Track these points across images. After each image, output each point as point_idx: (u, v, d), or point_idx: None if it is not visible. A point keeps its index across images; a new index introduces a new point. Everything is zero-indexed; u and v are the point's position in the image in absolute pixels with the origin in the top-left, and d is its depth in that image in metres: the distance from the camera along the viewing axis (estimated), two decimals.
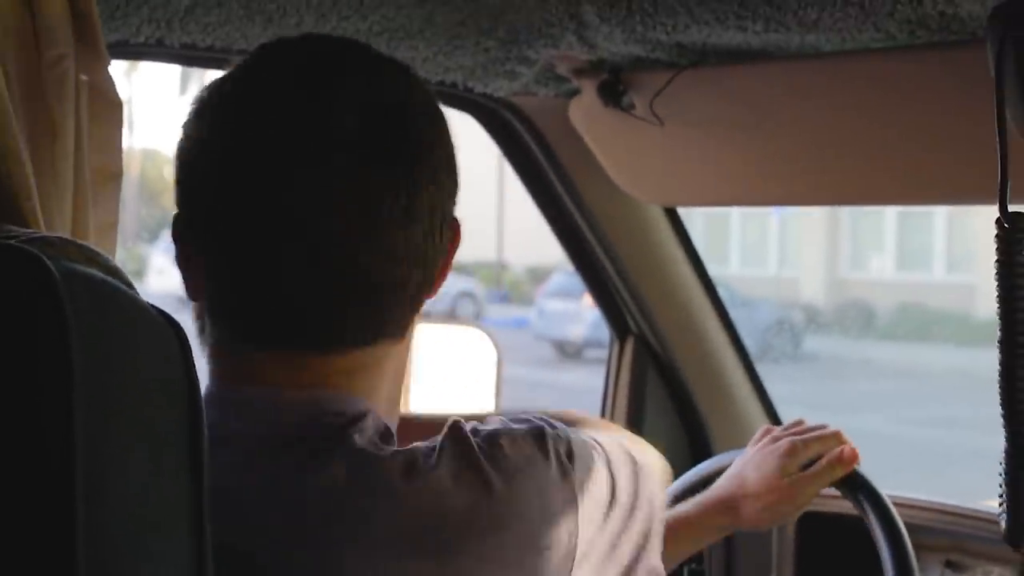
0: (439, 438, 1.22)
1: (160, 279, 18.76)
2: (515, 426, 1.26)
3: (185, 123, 1.26)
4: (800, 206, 13.93)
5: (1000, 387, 1.41)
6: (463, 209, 1.40)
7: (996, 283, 1.41)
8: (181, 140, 1.26)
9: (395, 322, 1.26)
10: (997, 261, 1.40)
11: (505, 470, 1.21)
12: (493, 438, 1.23)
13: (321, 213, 1.18)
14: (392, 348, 1.28)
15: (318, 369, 1.24)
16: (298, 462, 1.20)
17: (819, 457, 1.84)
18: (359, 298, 1.21)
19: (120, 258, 1.21)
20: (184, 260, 1.26)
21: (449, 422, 1.24)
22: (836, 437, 1.87)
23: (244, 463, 1.19)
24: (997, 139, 1.37)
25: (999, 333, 1.40)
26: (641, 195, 2.21)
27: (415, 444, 1.22)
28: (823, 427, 1.89)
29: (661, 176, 2.11)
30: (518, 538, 1.21)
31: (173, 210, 1.27)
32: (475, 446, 1.21)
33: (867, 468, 1.90)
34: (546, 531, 1.22)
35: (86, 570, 0.87)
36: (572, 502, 1.25)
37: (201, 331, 1.28)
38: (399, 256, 1.21)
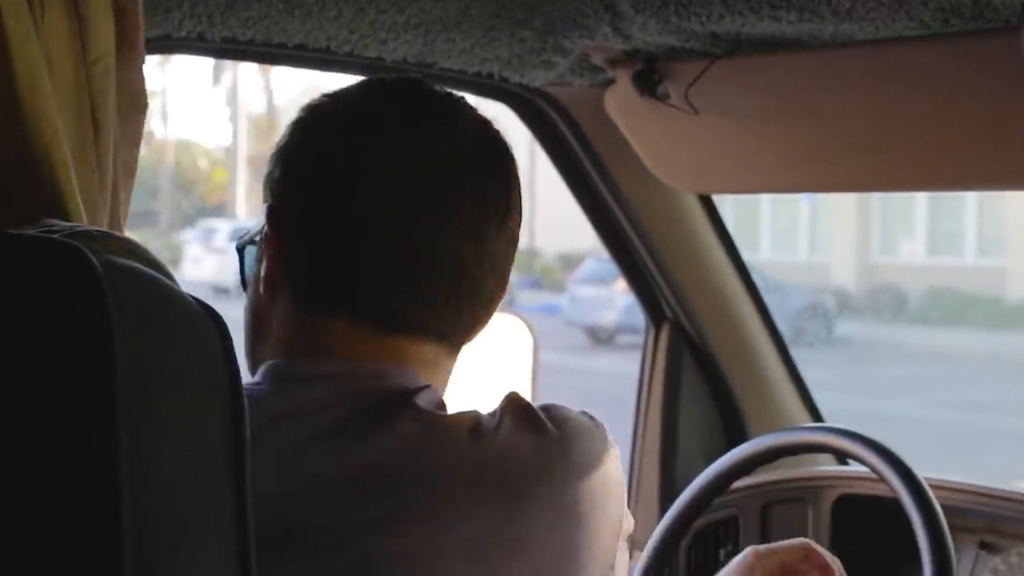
0: (497, 407, 1.32)
1: (196, 268, 18.75)
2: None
3: (302, 128, 1.38)
4: (834, 193, 13.86)
5: None
6: None
7: None
8: (294, 144, 1.38)
9: (465, 327, 1.39)
10: None
11: (565, 430, 1.31)
12: (551, 407, 1.34)
13: (434, 214, 1.32)
14: (449, 356, 1.40)
15: (391, 349, 1.34)
16: (368, 425, 1.28)
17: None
18: (449, 292, 1.34)
19: (156, 247, 1.23)
20: (275, 245, 1.36)
21: (507, 394, 1.33)
22: (804, 550, 1.72)
23: (315, 435, 1.28)
24: None
25: None
26: (676, 183, 2.22)
27: (475, 409, 1.32)
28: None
29: (696, 164, 2.12)
30: (580, 494, 1.29)
31: (208, 200, 1.34)
32: (536, 409, 1.31)
33: (901, 451, 1.90)
34: (603, 494, 1.31)
35: (132, 560, 0.89)
36: (618, 477, 1.34)
37: (263, 316, 1.39)
38: (487, 263, 1.35)
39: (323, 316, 1.34)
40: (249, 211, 26.41)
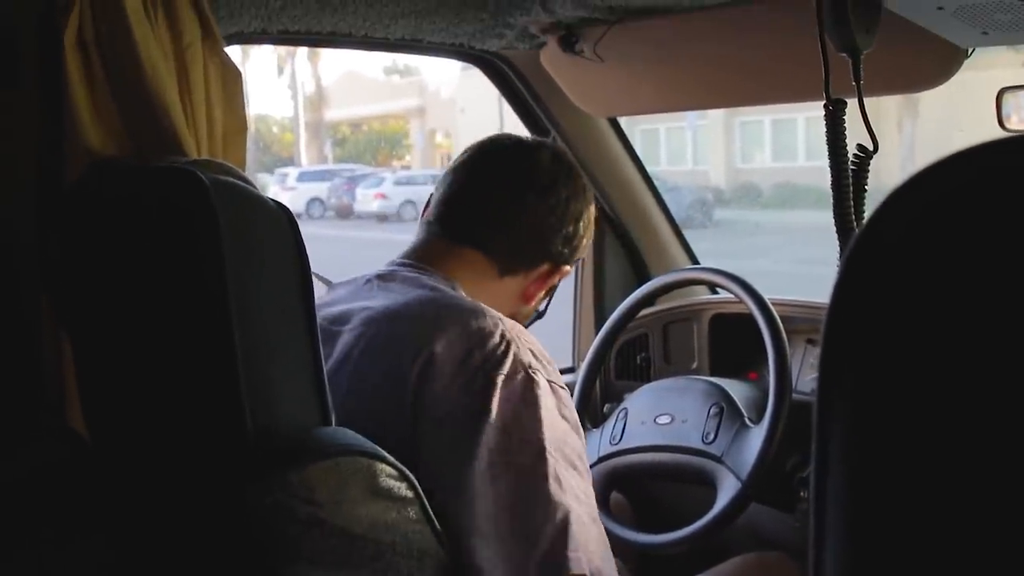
0: None
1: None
2: None
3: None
4: (695, 110, 13.72)
5: (835, 216, 1.44)
6: (477, 137, 1.46)
7: (827, 148, 1.44)
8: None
9: None
10: (827, 132, 1.43)
11: None
12: None
13: None
14: None
15: None
16: None
17: None
18: None
19: None
20: None
21: None
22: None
23: None
24: (821, 54, 1.39)
25: (831, 178, 1.42)
26: (592, 110, 2.22)
27: None
28: None
29: (604, 96, 2.11)
30: None
31: (281, 154, 1.32)
32: None
33: (752, 281, 1.93)
34: None
35: (243, 367, 0.92)
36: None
37: None
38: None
39: None
40: (308, 160, 26.35)
